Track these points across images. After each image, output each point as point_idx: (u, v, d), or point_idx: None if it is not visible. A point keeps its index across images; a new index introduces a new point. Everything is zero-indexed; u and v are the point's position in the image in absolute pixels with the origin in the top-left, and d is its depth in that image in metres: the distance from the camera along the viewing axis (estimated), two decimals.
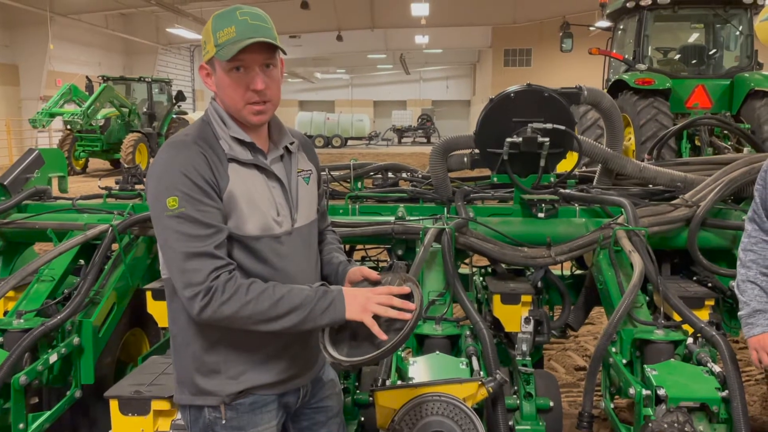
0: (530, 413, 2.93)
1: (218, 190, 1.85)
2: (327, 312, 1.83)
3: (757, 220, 2.44)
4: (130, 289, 3.53)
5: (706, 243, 3.42)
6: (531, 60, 34.85)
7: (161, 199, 1.80)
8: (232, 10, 1.87)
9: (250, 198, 1.89)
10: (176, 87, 23.72)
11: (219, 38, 1.84)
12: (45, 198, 4.14)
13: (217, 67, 1.88)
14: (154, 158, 1.90)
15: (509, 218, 3.64)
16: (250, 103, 1.89)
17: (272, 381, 1.96)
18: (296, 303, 1.81)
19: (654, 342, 2.67)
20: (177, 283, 1.81)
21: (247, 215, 1.88)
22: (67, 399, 3.07)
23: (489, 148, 3.64)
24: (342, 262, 2.18)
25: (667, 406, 2.35)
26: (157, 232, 1.84)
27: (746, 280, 2.43)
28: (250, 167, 1.93)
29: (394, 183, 4.26)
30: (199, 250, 1.77)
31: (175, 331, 1.97)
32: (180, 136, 1.92)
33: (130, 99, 20.49)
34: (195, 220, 1.79)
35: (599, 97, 3.73)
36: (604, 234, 3.28)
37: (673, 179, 3.70)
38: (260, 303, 1.78)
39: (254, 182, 1.92)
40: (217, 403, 1.92)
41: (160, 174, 1.84)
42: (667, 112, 8.64)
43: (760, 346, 2.35)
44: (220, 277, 1.78)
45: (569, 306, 3.66)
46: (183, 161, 1.82)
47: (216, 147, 1.90)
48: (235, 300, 1.77)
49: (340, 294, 1.86)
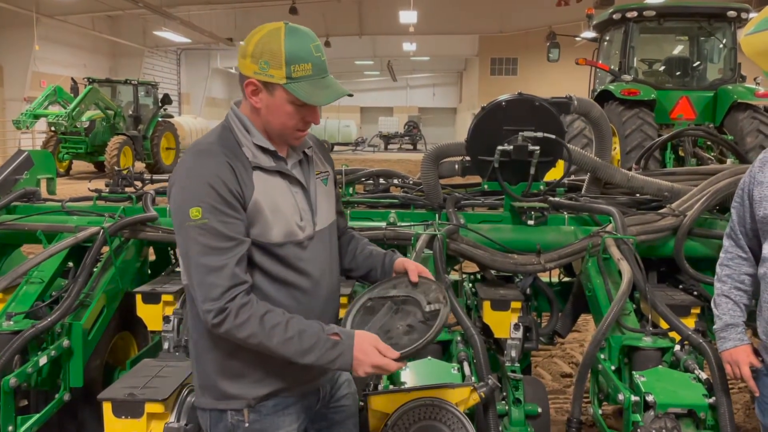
0: (519, 419, 2.95)
1: (243, 200, 1.85)
2: (332, 364, 1.84)
3: (733, 237, 2.50)
4: (119, 292, 3.52)
5: (693, 252, 3.47)
6: (517, 69, 35.10)
7: (184, 209, 1.80)
8: (305, 39, 1.87)
9: (274, 205, 1.90)
10: (162, 90, 23.60)
11: (293, 71, 1.83)
12: (34, 200, 4.12)
13: (276, 93, 1.87)
14: (178, 165, 1.90)
15: (499, 225, 3.68)
16: (298, 129, 1.93)
17: (294, 383, 1.98)
18: (305, 347, 1.81)
19: (642, 349, 2.71)
20: (195, 293, 1.82)
21: (271, 222, 1.89)
22: (56, 402, 3.05)
23: (480, 155, 3.67)
24: (387, 253, 2.21)
25: (655, 412, 2.38)
26: (178, 240, 1.85)
27: (721, 294, 2.49)
28: (274, 174, 1.94)
29: (386, 189, 4.29)
30: (218, 263, 1.78)
31: (196, 337, 1.98)
32: (204, 144, 1.91)
33: (115, 101, 20.40)
34: (217, 232, 1.79)
35: (589, 107, 3.78)
36: (593, 242, 3.33)
37: (660, 189, 3.76)
38: (270, 338, 1.79)
39: (278, 189, 1.93)
40: (242, 406, 1.93)
41: (186, 183, 1.83)
42: (652, 123, 8.75)
43: (732, 360, 2.41)
44: (236, 300, 1.78)
45: (557, 313, 3.69)
46: (209, 171, 1.82)
47: (240, 155, 1.90)
48: (245, 328, 1.78)
49: (348, 348, 1.84)
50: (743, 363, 2.37)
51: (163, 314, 3.31)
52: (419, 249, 3.22)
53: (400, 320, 2.02)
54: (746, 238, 2.45)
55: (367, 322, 2.02)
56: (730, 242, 2.51)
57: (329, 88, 1.89)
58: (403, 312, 2.05)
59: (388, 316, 2.04)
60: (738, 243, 2.48)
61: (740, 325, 2.43)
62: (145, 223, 3.60)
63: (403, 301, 2.07)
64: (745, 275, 2.46)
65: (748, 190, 2.41)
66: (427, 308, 2.01)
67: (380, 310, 2.06)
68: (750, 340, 2.46)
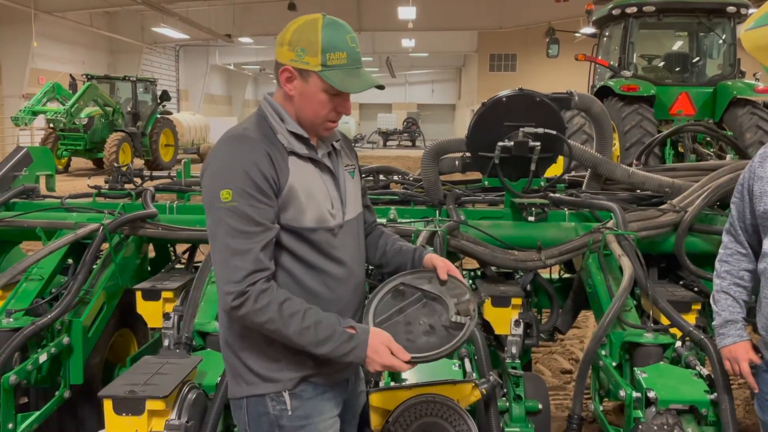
0: (519, 416, 2.95)
1: (278, 185, 1.87)
2: (346, 357, 1.86)
3: (733, 233, 2.49)
4: (119, 289, 3.52)
5: (693, 248, 3.46)
6: (516, 65, 35.05)
7: (215, 191, 1.82)
8: (341, 30, 1.90)
9: (308, 190, 1.92)
10: (161, 86, 23.57)
11: (329, 59, 1.86)
12: (33, 196, 4.11)
13: (311, 81, 1.89)
14: (213, 151, 1.91)
15: (500, 221, 3.67)
16: (330, 120, 1.95)
17: (328, 368, 1.96)
18: (320, 337, 1.83)
19: (643, 345, 2.71)
20: (217, 273, 1.84)
21: (305, 207, 1.91)
22: (56, 399, 3.05)
23: (480, 151, 3.67)
24: (417, 248, 2.20)
25: (656, 408, 2.38)
26: (208, 221, 1.87)
27: (720, 290, 2.48)
28: (306, 161, 1.96)
29: (386, 185, 4.28)
30: (244, 246, 1.80)
31: (227, 323, 1.97)
32: (240, 130, 1.93)
33: (114, 98, 20.34)
34: (246, 215, 1.81)
35: (590, 103, 3.77)
36: (594, 238, 3.32)
37: (661, 185, 3.75)
38: (287, 326, 1.81)
39: (311, 175, 1.95)
40: (280, 389, 1.93)
41: (221, 167, 1.85)
42: (652, 119, 8.73)
43: (731, 356, 2.40)
44: (256, 285, 1.80)
45: (558, 309, 3.69)
46: (246, 157, 1.84)
47: (275, 141, 1.93)
48: (263, 313, 1.80)
49: (363, 342, 1.86)
50: (742, 359, 2.37)
51: (163, 311, 3.30)
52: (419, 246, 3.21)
53: (424, 316, 2.01)
54: (746, 234, 2.45)
55: (394, 306, 2.02)
56: (730, 238, 2.51)
57: (362, 77, 1.92)
58: (429, 308, 2.02)
59: (415, 306, 2.03)
60: (737, 239, 2.47)
61: (739, 322, 2.43)
62: (145, 219, 3.60)
63: (433, 298, 2.04)
64: (745, 271, 2.45)
65: (748, 185, 2.40)
66: (454, 318, 1.97)
67: (409, 298, 2.04)
68: (749, 337, 2.45)
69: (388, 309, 2.00)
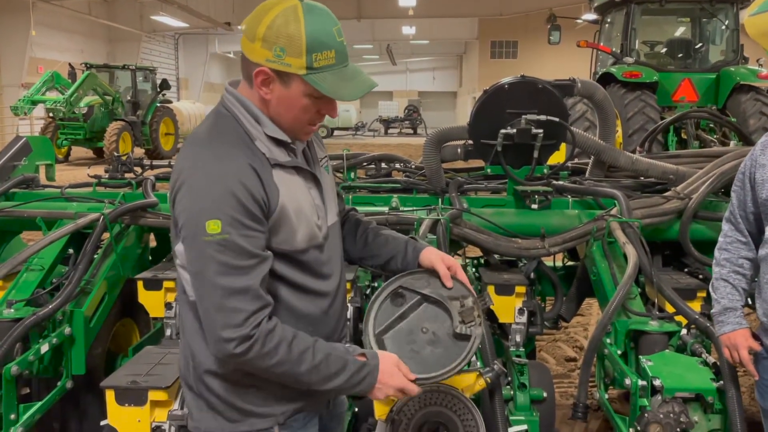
0: (524, 404, 2.94)
1: (268, 207, 1.61)
2: (356, 387, 1.69)
3: (733, 221, 2.48)
4: (120, 278, 3.50)
5: (698, 235, 3.44)
6: (517, 52, 34.93)
7: (200, 220, 1.54)
8: (326, 21, 1.62)
9: (298, 207, 1.68)
10: (161, 75, 23.46)
11: (315, 60, 1.58)
12: (33, 186, 4.09)
13: (293, 85, 1.61)
14: (184, 165, 1.61)
15: (503, 209, 3.65)
16: (312, 124, 1.70)
17: (321, 397, 1.82)
18: (332, 371, 1.65)
19: (649, 333, 2.69)
20: (209, 320, 1.58)
21: (296, 227, 1.67)
22: (58, 390, 3.03)
23: (483, 139, 3.63)
24: (408, 241, 1.95)
25: (662, 396, 2.37)
26: (190, 255, 1.59)
27: (719, 278, 2.46)
28: (290, 171, 1.69)
29: (387, 173, 4.25)
30: (241, 285, 1.55)
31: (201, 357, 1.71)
32: (211, 136, 1.64)
33: (113, 87, 20.25)
34: (240, 248, 1.54)
35: (593, 90, 3.74)
36: (598, 225, 3.30)
37: (665, 172, 3.72)
38: (298, 365, 1.61)
39: (298, 188, 1.70)
40: (270, 425, 1.71)
41: (201, 189, 1.55)
42: (654, 105, 8.70)
43: (731, 344, 2.38)
44: (261, 326, 1.56)
45: (561, 297, 3.68)
46: (230, 176, 1.55)
47: (255, 150, 1.64)
48: (271, 356, 1.58)
49: (375, 370, 1.70)
50: (742, 347, 2.35)
51: (165, 301, 3.28)
52: (422, 234, 3.19)
53: (427, 321, 1.88)
54: (746, 222, 2.43)
55: (394, 313, 1.88)
56: (730, 226, 2.49)
57: (355, 79, 1.65)
58: (431, 313, 1.89)
59: (416, 311, 1.89)
60: (737, 227, 2.46)
61: (738, 309, 2.41)
62: (146, 209, 3.57)
63: (434, 302, 1.90)
64: (744, 259, 2.43)
65: (750, 173, 2.38)
66: (458, 328, 1.83)
67: (409, 302, 1.90)
68: (749, 324, 2.44)
69: (389, 316, 1.87)
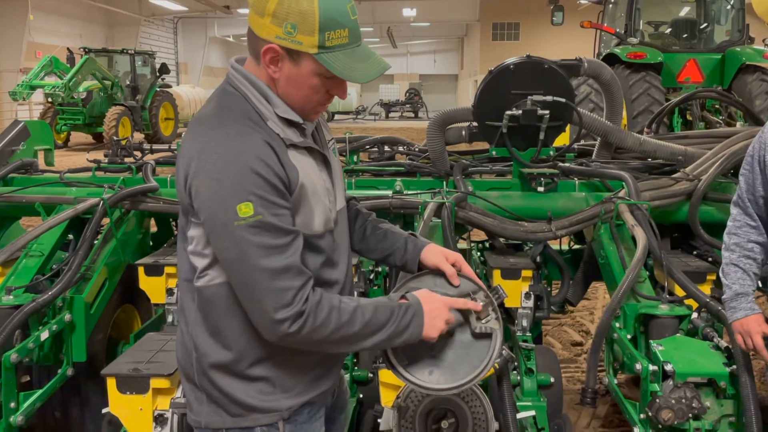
0: (531, 389, 2.91)
1: (288, 186, 1.55)
2: (406, 330, 1.62)
3: (741, 205, 2.43)
4: (121, 264, 3.46)
5: (707, 217, 3.39)
6: (519, 34, 34.67)
7: (228, 206, 1.48)
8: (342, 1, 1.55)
9: (314, 189, 1.62)
10: (160, 60, 23.29)
11: (328, 39, 1.52)
12: (31, 171, 4.04)
13: (303, 64, 1.55)
14: (199, 148, 1.54)
15: (508, 192, 3.59)
16: (321, 104, 1.64)
17: (328, 385, 1.76)
18: (382, 321, 1.60)
19: (659, 317, 2.64)
20: (258, 305, 1.52)
21: (314, 209, 1.62)
22: (58, 377, 2.99)
23: (487, 121, 3.57)
24: (408, 238, 1.87)
25: (674, 381, 2.32)
26: (223, 243, 1.52)
27: (729, 263, 2.41)
28: (303, 152, 1.63)
29: (391, 156, 4.19)
30: (283, 263, 1.50)
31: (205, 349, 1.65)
32: (221, 115, 1.58)
33: (112, 71, 20.16)
34: (275, 227, 1.50)
35: (599, 69, 3.67)
36: (606, 208, 3.24)
37: (673, 153, 3.65)
38: (352, 325, 1.56)
39: (312, 169, 1.64)
40: (274, 420, 1.65)
41: (221, 172, 1.49)
42: (659, 86, 8.61)
43: (743, 330, 2.32)
44: (309, 299, 1.53)
45: (568, 281, 3.63)
46: (247, 154, 1.50)
47: (269, 131, 1.58)
48: (327, 325, 1.54)
49: (419, 308, 1.63)
50: (755, 332, 2.29)
51: (166, 286, 3.24)
52: (427, 218, 3.14)
53: None
54: (755, 206, 2.39)
55: None
56: (738, 210, 2.44)
57: (368, 60, 1.59)
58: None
59: None
60: (746, 211, 2.41)
61: (750, 294, 2.36)
62: (146, 194, 3.53)
63: None
64: (754, 243, 2.39)
65: (759, 156, 2.33)
66: (476, 327, 1.72)
67: None
68: (761, 309, 2.39)
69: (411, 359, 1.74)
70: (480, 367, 1.70)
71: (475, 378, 1.70)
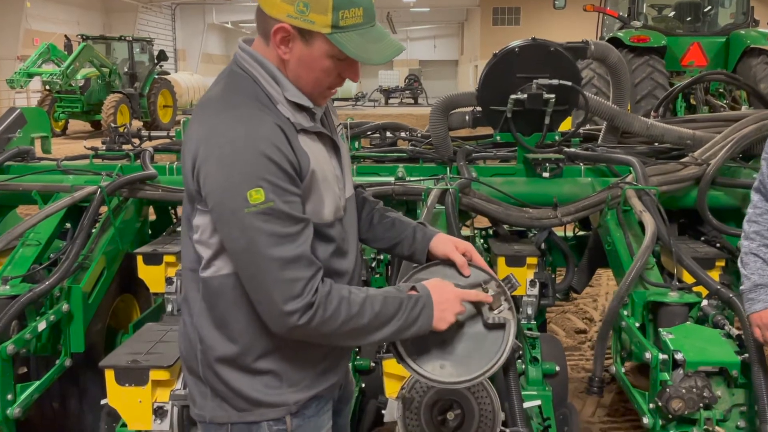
0: (536, 378, 2.87)
1: (299, 172, 1.50)
2: (415, 323, 1.57)
3: (763, 191, 2.30)
4: (119, 253, 3.40)
5: (716, 202, 3.33)
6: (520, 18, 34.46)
7: (239, 192, 1.43)
8: None
9: (324, 176, 1.57)
10: (158, 46, 23.14)
11: (341, 18, 1.46)
12: (28, 159, 3.97)
13: (315, 45, 1.50)
14: (207, 132, 1.48)
15: (513, 178, 3.53)
16: (332, 87, 1.59)
17: (335, 378, 1.72)
18: (391, 313, 1.55)
19: (668, 305, 2.59)
20: (267, 296, 1.48)
21: (324, 197, 1.57)
22: (56, 368, 2.95)
23: (492, 105, 3.50)
24: (417, 226, 1.82)
25: (684, 370, 2.27)
26: (231, 232, 1.47)
27: (749, 252, 2.28)
28: (313, 137, 1.58)
29: (393, 142, 4.12)
30: (294, 253, 1.46)
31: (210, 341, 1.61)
32: (230, 97, 1.52)
33: (110, 59, 20.05)
34: (285, 215, 1.45)
35: (606, 52, 3.59)
36: (612, 194, 3.18)
37: (681, 137, 3.58)
38: (361, 317, 1.52)
39: (322, 155, 1.59)
40: (281, 414, 1.61)
41: (231, 157, 1.44)
42: (663, 70, 8.53)
43: (762, 323, 2.21)
44: (319, 290, 1.48)
45: (573, 268, 3.58)
46: (259, 137, 1.45)
47: (279, 115, 1.52)
48: (337, 316, 1.49)
49: (429, 299, 1.59)
50: None
51: (166, 275, 3.19)
52: (431, 204, 3.09)
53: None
54: None
55: None
56: (759, 197, 2.33)
57: (382, 41, 1.53)
58: None
59: None
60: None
61: None
62: (144, 181, 3.47)
63: None
64: None
65: None
66: (489, 318, 1.67)
67: None
68: None
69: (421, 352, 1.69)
70: (494, 359, 1.65)
71: (489, 370, 1.65)
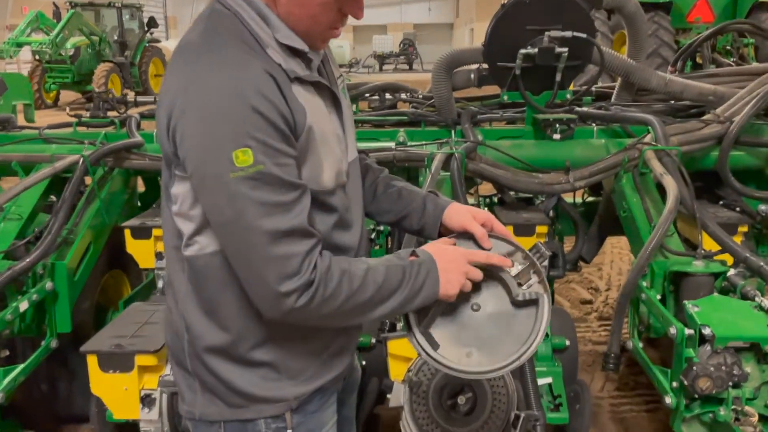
0: (546, 354, 2.72)
1: (294, 128, 1.29)
2: (421, 291, 1.39)
3: None
4: (106, 227, 3.23)
5: (737, 162, 3.14)
6: None
7: (221, 153, 1.21)
8: None
9: (323, 135, 1.35)
10: (147, 13, 22.63)
11: None
12: (9, 127, 3.78)
13: None
14: (185, 81, 1.26)
15: (521, 141, 3.32)
16: (333, 27, 1.38)
17: (339, 368, 1.54)
18: (395, 283, 1.36)
19: (693, 275, 2.41)
20: (258, 275, 1.29)
21: (322, 159, 1.35)
22: (42, 350, 2.79)
23: (499, 62, 3.28)
24: (427, 196, 1.62)
25: (713, 347, 2.10)
26: (215, 201, 1.27)
27: None
28: (309, 87, 1.35)
29: (392, 105, 3.90)
30: (288, 224, 1.25)
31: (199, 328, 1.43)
32: (216, 41, 1.28)
33: (99, 26, 19.63)
34: (278, 180, 1.24)
35: (623, 0, 3.33)
36: (629, 155, 2.99)
37: (702, 93, 3.36)
38: (364, 291, 1.34)
39: (320, 110, 1.37)
40: (281, 411, 1.44)
41: (213, 110, 1.21)
42: (668, 27, 8.28)
43: None
44: (318, 266, 1.29)
45: (583, 236, 3.41)
46: (245, 86, 1.23)
47: (269, 60, 1.30)
48: (338, 294, 1.31)
49: (432, 263, 1.40)
50: None
51: (155, 250, 3.02)
52: (435, 170, 2.90)
53: (475, 296, 1.49)
54: None
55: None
56: None
57: None
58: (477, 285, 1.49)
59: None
60: None
61: None
62: (131, 150, 3.27)
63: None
64: None
65: None
66: (518, 294, 1.47)
67: None
68: None
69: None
70: (529, 342, 1.45)
71: (524, 355, 1.44)
